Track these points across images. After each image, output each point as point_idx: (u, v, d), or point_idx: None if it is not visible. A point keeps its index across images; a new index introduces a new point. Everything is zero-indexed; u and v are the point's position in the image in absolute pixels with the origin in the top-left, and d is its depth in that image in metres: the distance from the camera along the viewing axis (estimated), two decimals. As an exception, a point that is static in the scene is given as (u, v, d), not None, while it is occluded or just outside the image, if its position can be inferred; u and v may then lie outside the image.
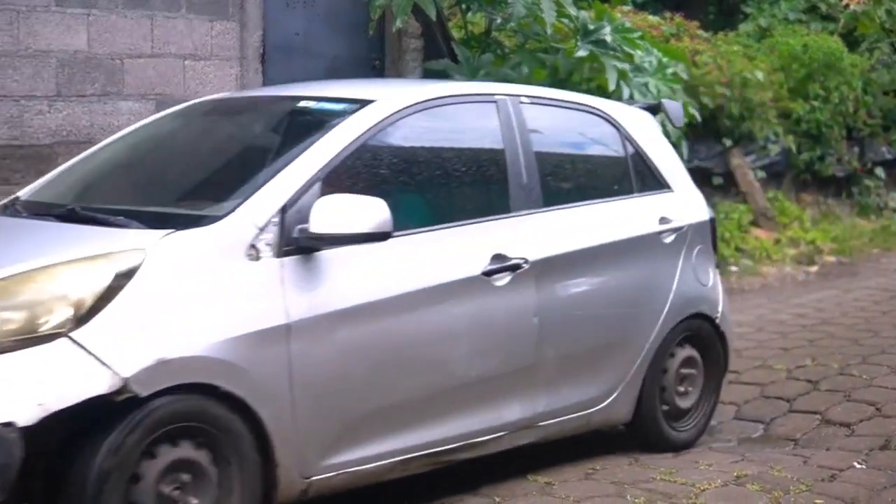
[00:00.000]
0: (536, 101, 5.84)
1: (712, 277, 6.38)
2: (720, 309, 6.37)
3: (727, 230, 12.34)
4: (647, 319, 5.96)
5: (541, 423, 5.51)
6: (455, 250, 5.08)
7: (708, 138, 12.99)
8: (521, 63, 9.88)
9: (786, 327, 8.82)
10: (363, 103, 5.09)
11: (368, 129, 4.93)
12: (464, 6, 10.23)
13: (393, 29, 9.45)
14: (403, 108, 5.14)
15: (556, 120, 6.01)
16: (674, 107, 6.90)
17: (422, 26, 9.79)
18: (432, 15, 9.32)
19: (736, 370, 7.46)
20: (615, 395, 5.83)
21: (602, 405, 5.79)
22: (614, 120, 6.20)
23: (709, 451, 6.10)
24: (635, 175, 6.17)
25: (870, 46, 15.51)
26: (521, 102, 5.69)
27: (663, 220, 6.10)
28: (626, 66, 10.01)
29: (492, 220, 5.34)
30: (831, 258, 12.69)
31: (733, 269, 11.83)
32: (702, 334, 6.29)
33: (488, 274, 5.14)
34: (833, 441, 6.20)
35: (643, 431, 6.08)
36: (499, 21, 10.15)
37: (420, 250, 4.95)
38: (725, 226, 12.38)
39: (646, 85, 10.24)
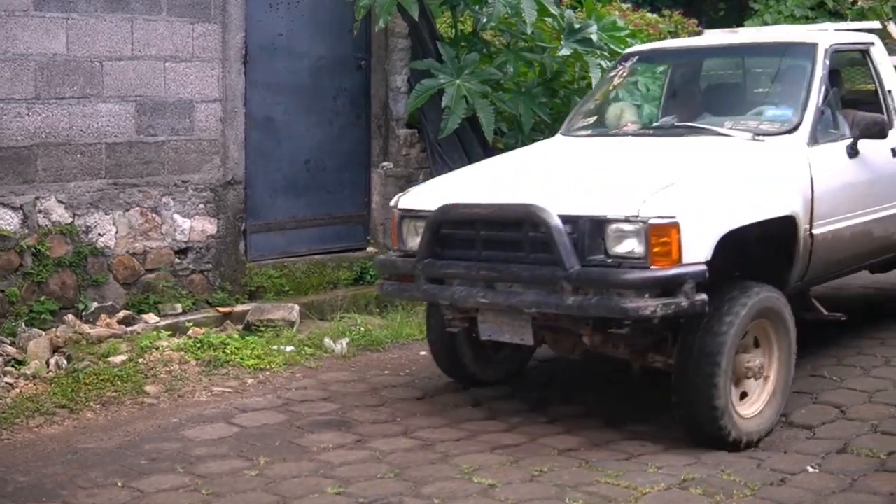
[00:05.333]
0: None
1: None
2: None
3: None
4: None
5: None
6: None
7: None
8: (506, 62, 9.87)
9: (768, 327, 8.66)
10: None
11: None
12: (452, 5, 10.20)
13: (376, 29, 9.44)
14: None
15: None
16: None
17: (409, 26, 9.75)
18: (415, 14, 9.31)
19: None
20: None
21: None
22: None
23: (663, 452, 6.01)
24: None
25: (876, 42, 15.34)
26: None
27: None
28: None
29: None
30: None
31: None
32: None
33: None
34: (792, 444, 6.10)
35: None
36: (483, 21, 10.12)
37: None
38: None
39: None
